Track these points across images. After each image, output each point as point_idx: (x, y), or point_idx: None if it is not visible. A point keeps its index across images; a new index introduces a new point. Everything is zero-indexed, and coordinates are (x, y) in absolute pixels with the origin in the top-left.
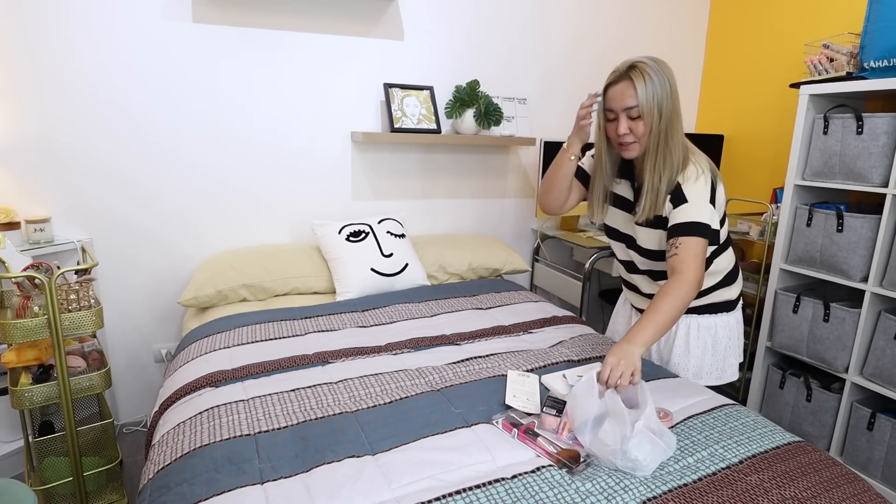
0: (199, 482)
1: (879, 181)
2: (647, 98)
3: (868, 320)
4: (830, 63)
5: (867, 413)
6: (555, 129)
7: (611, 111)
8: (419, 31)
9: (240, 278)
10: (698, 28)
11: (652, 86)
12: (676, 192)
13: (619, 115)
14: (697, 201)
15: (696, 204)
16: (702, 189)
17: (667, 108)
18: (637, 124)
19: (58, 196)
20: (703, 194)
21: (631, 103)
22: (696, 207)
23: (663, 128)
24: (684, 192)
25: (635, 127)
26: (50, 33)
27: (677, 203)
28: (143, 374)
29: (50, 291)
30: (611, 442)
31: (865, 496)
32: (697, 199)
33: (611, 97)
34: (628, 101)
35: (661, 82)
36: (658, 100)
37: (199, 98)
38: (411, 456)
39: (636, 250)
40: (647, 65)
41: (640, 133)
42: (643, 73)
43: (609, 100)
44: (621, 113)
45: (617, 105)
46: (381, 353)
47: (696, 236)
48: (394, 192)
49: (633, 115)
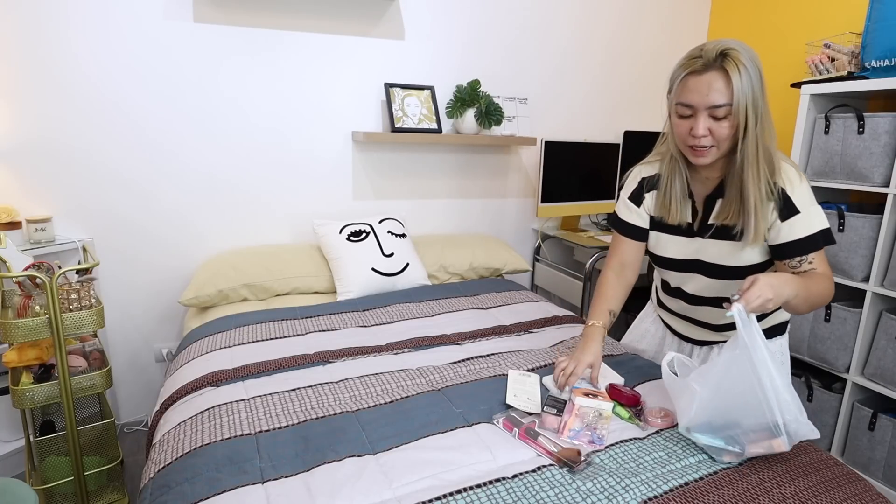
0: (199, 481)
1: (881, 181)
2: (741, 95)
3: (869, 320)
4: (832, 63)
5: (868, 413)
6: (556, 128)
7: (688, 106)
8: (420, 30)
9: (241, 278)
10: (699, 28)
11: (748, 79)
12: (784, 201)
13: (697, 113)
14: (810, 207)
15: (811, 211)
16: (808, 190)
17: (762, 106)
18: (720, 126)
19: (59, 196)
20: (811, 195)
21: (719, 100)
22: (814, 215)
23: (759, 131)
24: (794, 202)
25: (717, 129)
26: (51, 33)
27: (788, 214)
28: (144, 374)
29: (51, 291)
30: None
31: (866, 496)
32: (809, 203)
33: (691, 89)
34: (716, 98)
35: (755, 75)
36: (754, 97)
37: (200, 98)
38: (412, 455)
39: (707, 273)
40: (740, 52)
41: (722, 136)
42: (737, 64)
43: (688, 92)
44: (703, 110)
45: (699, 101)
46: (381, 353)
47: (824, 246)
48: (395, 192)
49: (719, 114)
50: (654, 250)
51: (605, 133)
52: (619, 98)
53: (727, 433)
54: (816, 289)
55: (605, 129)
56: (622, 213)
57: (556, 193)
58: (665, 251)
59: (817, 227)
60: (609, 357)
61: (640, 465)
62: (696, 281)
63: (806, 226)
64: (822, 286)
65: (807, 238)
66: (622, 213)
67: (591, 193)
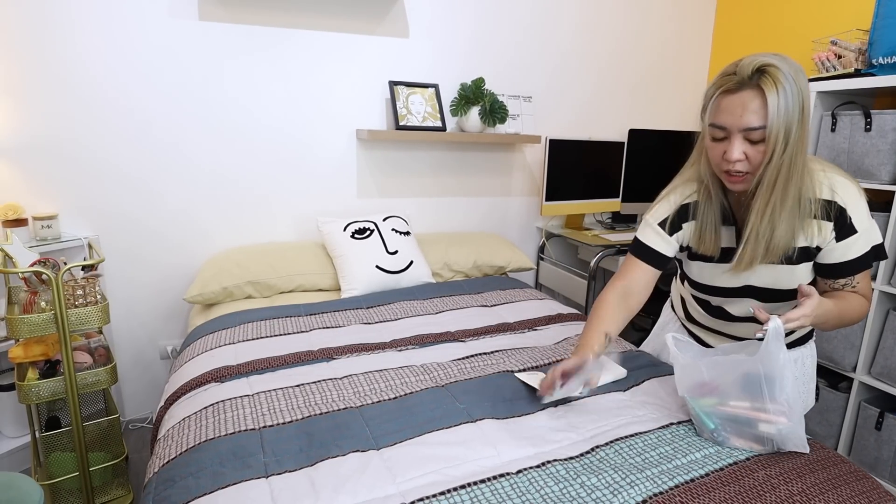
0: (204, 476)
1: (888, 179)
2: (777, 117)
3: (876, 319)
4: (838, 60)
5: (875, 412)
6: (560, 127)
7: (721, 128)
8: (424, 28)
9: (245, 275)
10: (705, 25)
11: (784, 101)
12: (842, 220)
13: (731, 135)
14: (868, 225)
15: (870, 229)
16: (866, 207)
17: (796, 132)
18: (756, 150)
19: (65, 193)
20: (868, 212)
21: (754, 122)
22: (871, 231)
23: (787, 159)
24: (853, 222)
25: (753, 153)
26: (57, 32)
27: (846, 235)
28: (148, 371)
29: (57, 287)
30: None
31: (874, 494)
32: (867, 221)
33: (724, 110)
34: (751, 120)
35: (793, 95)
36: (788, 121)
37: (205, 96)
38: (416, 451)
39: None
40: (780, 69)
41: (758, 162)
42: (776, 83)
43: (720, 112)
44: (737, 133)
45: (732, 122)
46: (385, 350)
47: (872, 263)
48: (399, 190)
49: (755, 137)
50: (697, 279)
51: (609, 131)
52: (624, 96)
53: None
54: (851, 312)
55: (610, 128)
56: (646, 238)
57: (560, 192)
58: (712, 281)
59: (872, 243)
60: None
61: (646, 461)
62: (745, 304)
63: (862, 245)
64: (858, 310)
65: (858, 259)
66: (647, 237)
67: (595, 192)
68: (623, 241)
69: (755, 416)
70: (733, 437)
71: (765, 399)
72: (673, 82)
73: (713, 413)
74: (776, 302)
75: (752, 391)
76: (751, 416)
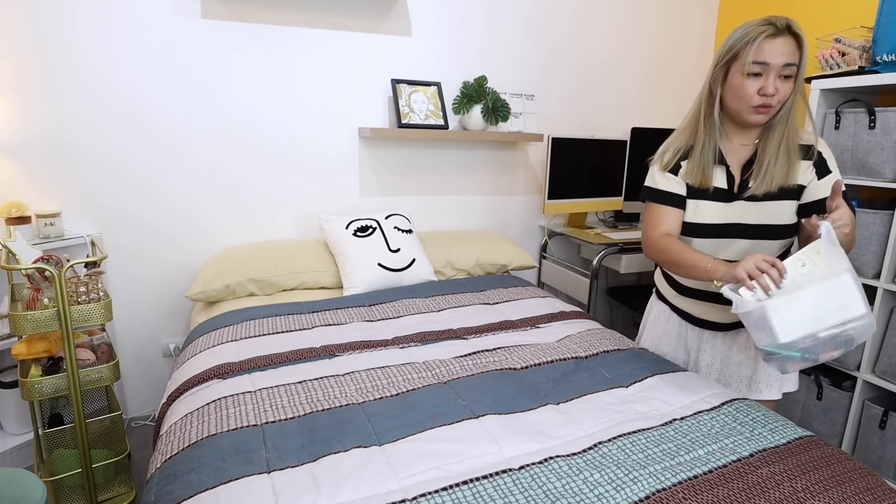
0: (206, 471)
1: (892, 176)
2: (804, 58)
3: (881, 317)
4: (842, 57)
5: (879, 411)
6: (562, 124)
7: (763, 64)
8: (427, 26)
9: (247, 273)
10: (708, 24)
11: (806, 47)
12: (820, 161)
13: (768, 72)
14: (836, 167)
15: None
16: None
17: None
18: (786, 85)
19: (68, 191)
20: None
21: (793, 60)
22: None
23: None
24: (828, 163)
25: (783, 87)
26: (59, 30)
27: (824, 174)
28: (151, 369)
29: (60, 283)
30: None
31: (878, 491)
32: (835, 165)
33: (767, 51)
34: (789, 58)
35: (806, 45)
36: (804, 62)
37: (208, 94)
38: (418, 447)
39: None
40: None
41: (784, 95)
42: (801, 32)
43: (763, 52)
44: (774, 70)
45: (776, 60)
46: (387, 347)
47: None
48: (401, 188)
49: (787, 73)
50: (691, 219)
51: (612, 130)
52: (626, 94)
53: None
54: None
55: (613, 126)
56: (661, 184)
57: (562, 190)
58: (704, 217)
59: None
60: (617, 352)
61: (649, 457)
62: (735, 246)
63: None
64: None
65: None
66: (661, 184)
67: (598, 190)
68: (626, 239)
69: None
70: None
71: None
72: (676, 81)
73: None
74: (763, 239)
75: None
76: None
